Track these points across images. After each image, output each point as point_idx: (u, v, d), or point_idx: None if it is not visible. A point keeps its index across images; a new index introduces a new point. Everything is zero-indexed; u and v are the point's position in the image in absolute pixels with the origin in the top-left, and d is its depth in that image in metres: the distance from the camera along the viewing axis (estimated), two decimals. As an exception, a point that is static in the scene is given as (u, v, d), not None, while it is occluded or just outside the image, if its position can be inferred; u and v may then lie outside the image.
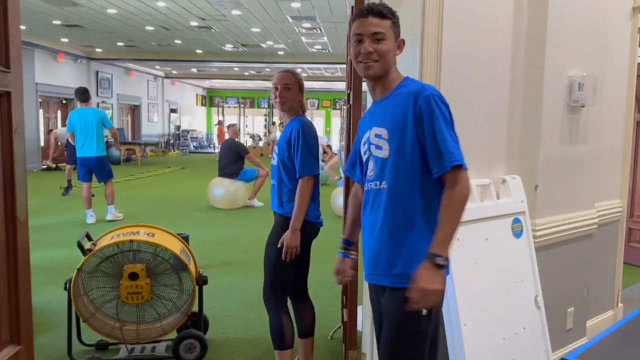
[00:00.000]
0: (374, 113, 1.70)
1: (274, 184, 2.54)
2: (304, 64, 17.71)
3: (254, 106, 28.20)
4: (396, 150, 1.58)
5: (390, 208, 1.60)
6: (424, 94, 1.54)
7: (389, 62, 1.62)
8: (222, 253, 5.40)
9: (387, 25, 1.60)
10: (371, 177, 1.66)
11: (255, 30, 12.23)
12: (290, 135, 2.42)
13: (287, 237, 2.39)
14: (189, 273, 2.94)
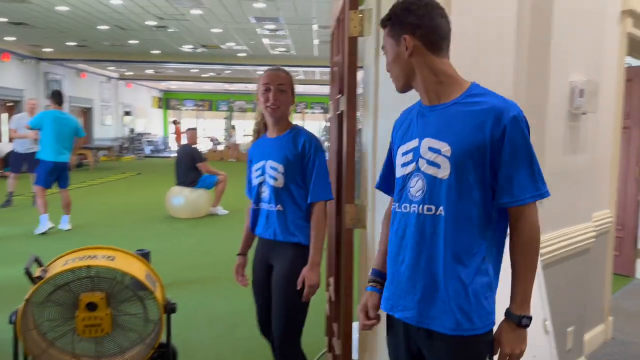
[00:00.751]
0: (426, 120, 1.40)
1: (276, 209, 2.12)
2: (265, 66, 17.31)
3: (213, 109, 27.62)
4: (461, 172, 1.30)
5: (448, 240, 1.31)
6: (511, 114, 1.28)
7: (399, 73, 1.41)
8: (186, 269, 5.03)
9: (386, 36, 1.43)
10: (417, 199, 1.36)
11: (215, 30, 11.83)
12: (302, 150, 2.09)
13: (309, 276, 2.05)
14: (156, 300, 2.60)
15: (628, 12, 3.32)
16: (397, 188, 1.44)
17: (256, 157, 2.23)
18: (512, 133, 1.27)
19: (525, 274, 1.30)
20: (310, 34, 11.84)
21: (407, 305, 1.38)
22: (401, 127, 1.49)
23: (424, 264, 1.34)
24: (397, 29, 1.38)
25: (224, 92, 26.72)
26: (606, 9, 3.06)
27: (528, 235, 1.30)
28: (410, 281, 1.37)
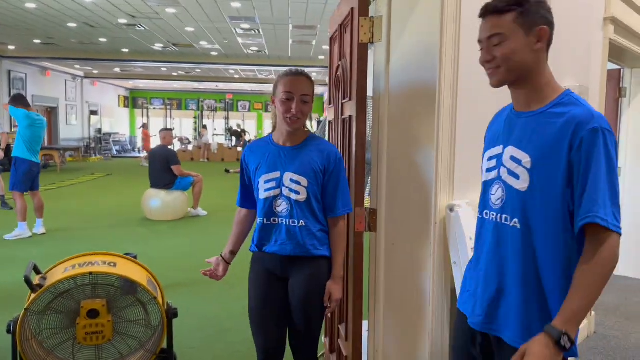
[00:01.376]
0: (512, 126, 1.37)
1: (298, 225, 1.96)
2: (238, 66, 17.24)
3: (182, 108, 27.21)
4: (539, 187, 1.27)
5: (530, 252, 1.28)
6: (592, 125, 1.21)
7: (520, 64, 1.29)
8: (170, 272, 4.95)
9: (507, 21, 1.28)
10: (496, 207, 1.35)
11: (189, 29, 11.68)
12: (328, 162, 1.97)
13: (335, 290, 1.99)
14: (158, 306, 2.58)
15: (610, 19, 3.45)
16: (481, 193, 1.44)
17: (264, 166, 2.00)
18: (589, 143, 1.20)
19: (583, 291, 1.19)
20: (285, 34, 11.82)
21: (475, 311, 1.40)
22: (491, 130, 1.48)
23: (495, 273, 1.35)
24: (531, 19, 1.28)
25: (193, 90, 26.38)
26: (591, 16, 3.18)
27: (603, 258, 1.18)
28: (483, 286, 1.38)
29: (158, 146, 7.82)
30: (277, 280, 2.05)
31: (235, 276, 4.77)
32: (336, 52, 2.62)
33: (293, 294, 2.01)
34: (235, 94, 26.31)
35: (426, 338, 1.98)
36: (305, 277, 1.98)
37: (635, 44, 4.11)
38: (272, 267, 2.05)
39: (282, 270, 2.03)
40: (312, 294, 1.99)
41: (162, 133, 7.94)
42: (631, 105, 5.00)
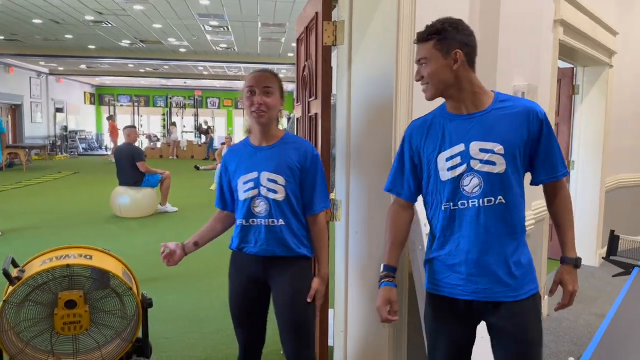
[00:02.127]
0: (465, 126, 1.61)
1: (278, 224, 1.94)
2: (206, 62, 17.17)
3: (149, 105, 26.87)
4: (513, 164, 1.57)
5: (510, 222, 1.59)
6: (542, 112, 1.60)
7: (441, 81, 1.59)
8: (142, 267, 5.01)
9: (428, 48, 1.59)
10: (474, 194, 1.58)
11: (157, 26, 11.62)
12: (304, 160, 1.96)
13: (320, 289, 1.99)
14: (133, 296, 2.68)
15: (559, 21, 3.69)
16: (445, 189, 1.62)
17: (241, 167, 2.01)
18: (547, 126, 1.59)
19: (572, 224, 1.66)
20: (254, 31, 11.88)
21: (477, 287, 1.60)
22: (428, 136, 1.68)
23: (491, 248, 1.58)
24: (446, 44, 1.57)
25: (161, 87, 26.08)
26: (542, 19, 3.40)
27: (569, 199, 1.67)
28: (479, 265, 1.59)
29: (123, 144, 7.78)
30: (256, 284, 2.03)
31: (208, 269, 4.91)
32: (302, 52, 2.76)
33: (278, 296, 1.98)
34: (204, 91, 26.14)
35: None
36: (288, 278, 1.96)
37: (584, 44, 4.38)
38: (252, 270, 2.02)
39: (263, 272, 2.00)
40: (298, 292, 1.95)
41: (126, 130, 7.86)
42: (583, 102, 5.30)
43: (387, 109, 2.09)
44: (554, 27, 3.67)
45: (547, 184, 1.65)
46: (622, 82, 5.49)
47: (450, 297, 1.65)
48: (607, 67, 5.15)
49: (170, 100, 26.04)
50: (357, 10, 2.20)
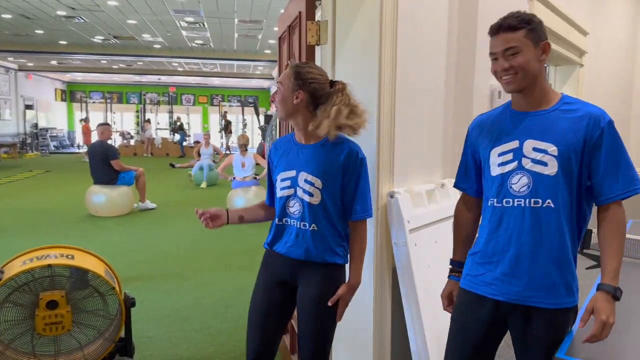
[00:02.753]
0: (525, 124, 1.59)
1: (310, 228, 1.85)
2: (181, 59, 17.00)
3: (123, 101, 26.44)
4: (566, 169, 1.52)
5: (559, 227, 1.53)
6: (607, 119, 1.53)
7: (531, 71, 1.54)
8: (122, 267, 4.97)
9: (519, 36, 1.53)
10: (522, 194, 1.55)
11: (131, 22, 11.45)
12: (346, 162, 1.83)
13: (346, 297, 1.89)
14: (116, 295, 2.67)
15: (533, 22, 3.78)
16: (493, 185, 1.62)
17: (282, 163, 1.93)
18: (610, 136, 1.51)
19: (620, 252, 1.51)
20: (231, 27, 11.82)
21: (511, 288, 1.58)
22: (487, 131, 1.67)
23: (532, 251, 1.55)
24: (536, 35, 1.54)
25: (134, 83, 25.69)
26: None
27: (621, 221, 1.53)
28: (517, 267, 1.57)
29: (96, 141, 7.64)
30: (284, 287, 1.94)
31: (187, 268, 4.89)
32: (285, 51, 2.78)
33: (302, 302, 1.89)
34: (178, 87, 25.85)
35: (370, 311, 2.20)
36: (316, 283, 1.86)
37: (556, 44, 4.50)
38: (282, 271, 1.93)
39: (292, 275, 1.91)
40: (323, 301, 1.85)
41: (99, 128, 7.72)
42: (555, 100, 5.43)
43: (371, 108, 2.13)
44: (528, 28, 3.76)
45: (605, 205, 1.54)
46: (592, 80, 5.66)
47: (481, 295, 1.64)
48: (578, 67, 5.29)
49: (144, 97, 25.67)
50: (341, 10, 2.24)
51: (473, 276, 1.68)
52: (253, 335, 1.95)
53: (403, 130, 2.20)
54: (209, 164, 10.83)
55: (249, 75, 22.45)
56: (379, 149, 2.13)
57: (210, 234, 6.40)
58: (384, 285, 2.20)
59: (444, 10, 2.52)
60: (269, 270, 1.98)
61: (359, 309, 2.23)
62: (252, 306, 1.98)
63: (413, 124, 2.39)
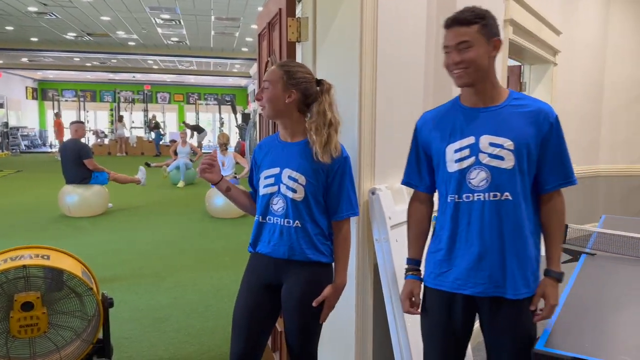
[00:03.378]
0: (478, 120, 1.61)
1: (293, 225, 1.83)
2: (157, 56, 16.78)
3: (96, 100, 25.99)
4: (522, 162, 1.56)
5: (518, 219, 1.57)
6: (554, 114, 1.60)
7: (481, 67, 1.56)
8: (99, 267, 4.88)
9: (473, 31, 1.54)
10: (480, 188, 1.58)
11: (105, 18, 11.26)
12: (333, 162, 1.82)
13: (332, 297, 1.86)
14: (94, 296, 2.63)
15: (509, 21, 3.84)
16: (452, 181, 1.63)
17: (266, 161, 1.92)
18: (557, 131, 1.59)
19: (560, 239, 1.62)
20: (207, 25, 11.71)
21: (477, 281, 1.61)
22: (438, 128, 1.68)
23: (493, 244, 1.58)
24: (488, 30, 1.56)
25: (108, 81, 25.27)
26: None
27: (563, 210, 1.63)
28: (480, 260, 1.60)
29: (69, 140, 7.46)
30: (268, 290, 1.90)
31: (165, 268, 4.84)
32: (265, 48, 2.77)
33: (287, 300, 1.87)
34: (153, 85, 25.52)
35: (352, 307, 2.20)
36: (300, 282, 1.84)
37: (531, 43, 4.58)
38: (266, 273, 1.90)
39: (274, 274, 1.88)
40: (307, 300, 1.83)
41: (73, 126, 7.52)
42: (530, 98, 5.53)
43: (352, 105, 2.14)
44: (504, 27, 3.82)
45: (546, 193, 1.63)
46: (565, 79, 5.77)
47: (449, 291, 1.66)
48: (552, 65, 5.40)
49: (119, 95, 25.26)
50: (321, 7, 2.23)
51: (438, 274, 1.69)
52: (237, 339, 1.90)
53: (384, 127, 2.21)
54: (185, 163, 10.72)
55: (226, 73, 22.29)
56: (361, 146, 2.14)
57: (188, 234, 6.34)
58: (366, 282, 2.21)
59: (424, 5, 2.54)
60: (254, 273, 1.94)
61: (341, 306, 2.22)
62: (236, 310, 1.93)
63: (394, 121, 2.40)
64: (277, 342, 2.70)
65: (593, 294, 2.05)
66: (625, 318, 1.80)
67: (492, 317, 1.63)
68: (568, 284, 2.22)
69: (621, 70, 6.41)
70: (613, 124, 6.49)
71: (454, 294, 1.65)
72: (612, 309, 1.89)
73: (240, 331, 1.89)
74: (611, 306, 1.91)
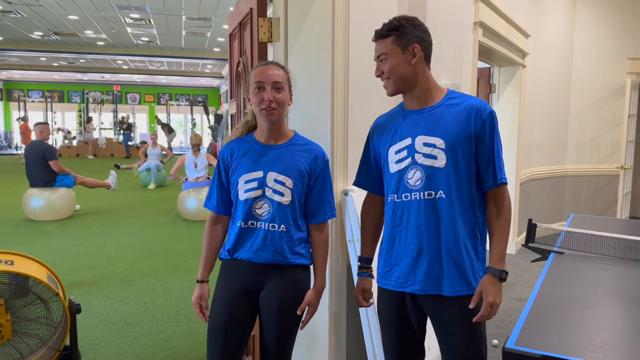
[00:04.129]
0: (414, 121, 1.65)
1: (279, 229, 1.79)
2: (126, 56, 16.50)
3: (64, 100, 25.40)
4: (455, 160, 1.59)
5: (452, 216, 1.59)
6: (488, 110, 1.60)
7: (401, 76, 1.62)
8: (66, 272, 4.77)
9: (388, 44, 1.62)
10: (417, 187, 1.62)
11: (72, 17, 11.00)
12: (315, 164, 1.82)
13: (314, 301, 1.84)
14: (60, 302, 2.55)
15: (479, 24, 3.90)
16: (392, 182, 1.67)
17: (244, 164, 1.83)
18: (490, 127, 1.60)
19: (504, 236, 1.62)
20: (178, 25, 11.56)
21: (416, 279, 1.64)
22: (385, 131, 1.72)
23: (430, 242, 1.61)
24: (404, 39, 1.61)
25: (76, 82, 24.73)
26: (464, 22, 3.58)
27: (507, 208, 1.63)
28: (418, 258, 1.63)
29: (34, 141, 7.25)
30: (248, 296, 1.84)
31: (135, 272, 4.74)
32: (236, 48, 2.74)
33: (266, 305, 1.81)
34: (123, 86, 25.09)
35: (326, 307, 2.19)
36: (281, 286, 1.80)
37: (500, 45, 4.66)
38: (244, 278, 1.83)
39: (254, 280, 1.82)
40: (287, 304, 1.80)
41: (38, 127, 7.33)
42: (500, 100, 5.63)
43: (324, 105, 2.13)
44: (474, 29, 3.88)
45: (489, 191, 1.64)
46: (534, 81, 5.89)
47: (393, 290, 1.69)
48: (521, 67, 5.50)
49: (87, 96, 24.73)
50: (293, 7, 2.22)
51: (383, 273, 1.73)
52: (216, 346, 1.83)
53: (357, 128, 2.21)
54: (156, 165, 10.54)
55: (198, 74, 22.07)
56: (333, 147, 2.13)
57: (159, 237, 6.24)
58: (340, 283, 2.21)
59: (394, 9, 2.55)
60: (230, 280, 1.85)
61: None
62: (214, 317, 1.85)
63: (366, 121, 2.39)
64: (249, 346, 2.68)
65: (562, 292, 2.08)
66: (593, 315, 1.83)
67: (435, 314, 1.66)
68: (537, 282, 2.26)
69: (587, 73, 6.59)
70: (580, 125, 6.66)
71: (398, 292, 1.69)
72: (581, 306, 1.92)
73: (219, 338, 1.82)
74: (579, 304, 1.95)
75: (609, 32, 6.58)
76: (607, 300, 2.01)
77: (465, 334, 1.61)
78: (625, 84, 6.38)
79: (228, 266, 1.88)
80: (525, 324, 1.74)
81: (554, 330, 1.69)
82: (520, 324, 1.75)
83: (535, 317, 1.81)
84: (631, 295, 2.05)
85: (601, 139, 6.68)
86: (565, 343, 1.58)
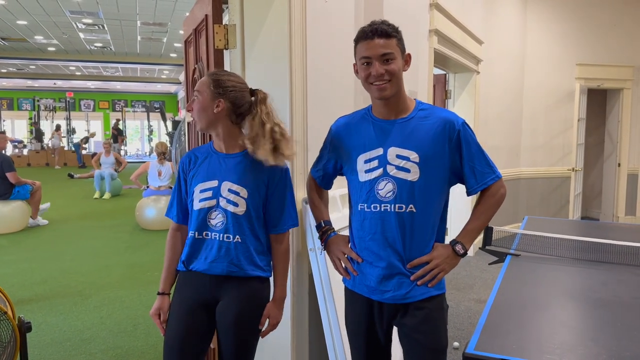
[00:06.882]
0: (386, 131, 1.62)
1: (234, 240, 1.74)
2: (79, 62, 16.03)
3: (14, 108, 24.44)
4: (429, 174, 1.57)
5: (422, 230, 1.60)
6: (460, 121, 1.61)
7: (400, 80, 1.59)
8: (16, 288, 4.56)
9: (394, 44, 1.57)
10: (387, 199, 1.60)
11: (21, 22, 10.60)
12: (272, 173, 1.77)
13: (275, 314, 1.83)
14: (8, 321, 2.43)
15: (434, 31, 3.97)
16: (362, 191, 1.65)
17: (200, 174, 1.79)
18: (465, 135, 1.59)
19: (480, 216, 1.65)
20: (133, 30, 11.31)
21: (384, 289, 1.64)
22: (350, 137, 1.70)
23: (397, 254, 1.61)
24: (402, 45, 1.60)
25: (27, 89, 23.84)
26: (419, 29, 3.64)
27: (496, 195, 1.64)
28: (386, 270, 1.63)
29: None
30: (205, 308, 1.78)
31: (90, 286, 4.58)
32: (192, 54, 2.69)
33: (223, 318, 1.76)
34: (76, 92, 24.34)
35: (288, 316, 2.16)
36: (238, 298, 1.75)
37: (455, 52, 4.76)
38: (200, 290, 1.78)
39: (210, 292, 1.77)
40: (245, 316, 1.76)
41: None
42: (455, 105, 5.75)
43: (283, 113, 2.11)
44: (429, 37, 3.95)
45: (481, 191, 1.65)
46: (488, 86, 6.05)
47: (362, 295, 1.69)
48: (475, 74, 5.64)
49: (38, 103, 23.85)
50: (249, 14, 2.20)
51: (356, 278, 1.72)
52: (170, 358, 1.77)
53: (316, 136, 2.19)
54: (110, 173, 10.24)
55: (154, 80, 21.65)
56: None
57: (116, 248, 6.06)
58: (301, 291, 2.19)
59: (351, 16, 2.56)
60: (185, 293, 1.80)
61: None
62: (170, 332, 1.78)
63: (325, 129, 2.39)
64: (209, 358, 2.62)
65: (519, 294, 2.13)
66: (549, 317, 1.87)
67: (400, 322, 1.67)
68: (495, 284, 2.30)
69: (538, 78, 6.82)
70: (533, 129, 6.88)
71: (367, 298, 1.69)
72: (537, 308, 1.96)
73: (175, 353, 1.76)
74: (536, 306, 1.99)
75: (558, 39, 6.84)
76: (563, 301, 2.06)
77: (437, 334, 1.65)
78: (574, 88, 6.63)
79: (184, 278, 1.82)
80: (484, 327, 1.76)
81: (512, 332, 1.72)
82: (480, 327, 1.77)
83: (494, 320, 1.83)
84: (585, 296, 2.12)
85: (553, 142, 6.92)
86: (522, 346, 1.61)
